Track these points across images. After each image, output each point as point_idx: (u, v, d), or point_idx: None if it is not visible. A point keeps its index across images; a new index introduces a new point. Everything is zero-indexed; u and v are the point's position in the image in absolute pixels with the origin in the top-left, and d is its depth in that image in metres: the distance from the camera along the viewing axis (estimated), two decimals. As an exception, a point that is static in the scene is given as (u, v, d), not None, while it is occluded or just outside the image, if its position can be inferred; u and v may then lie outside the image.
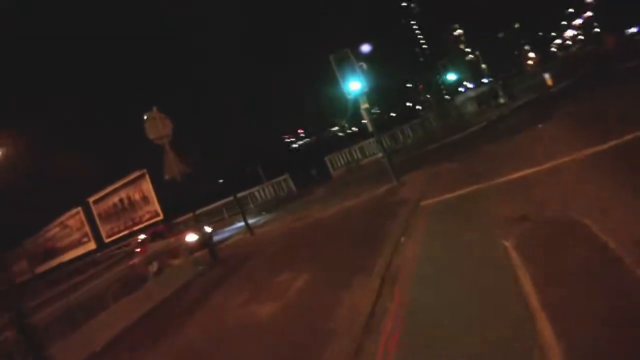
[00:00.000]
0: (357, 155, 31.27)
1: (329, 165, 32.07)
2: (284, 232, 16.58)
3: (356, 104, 16.46)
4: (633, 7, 65.11)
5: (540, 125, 16.53)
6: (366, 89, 16.12)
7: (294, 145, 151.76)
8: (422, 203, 12.25)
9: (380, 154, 26.95)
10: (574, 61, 53.78)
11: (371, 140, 29.98)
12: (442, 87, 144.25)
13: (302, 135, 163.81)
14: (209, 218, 31.38)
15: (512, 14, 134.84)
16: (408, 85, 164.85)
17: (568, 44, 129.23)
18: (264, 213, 27.13)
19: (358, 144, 31.90)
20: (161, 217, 19.56)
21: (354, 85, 15.94)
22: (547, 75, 35.19)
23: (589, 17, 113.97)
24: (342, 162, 31.83)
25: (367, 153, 31.25)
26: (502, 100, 33.34)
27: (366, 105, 16.26)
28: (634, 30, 73.99)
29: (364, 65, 16.70)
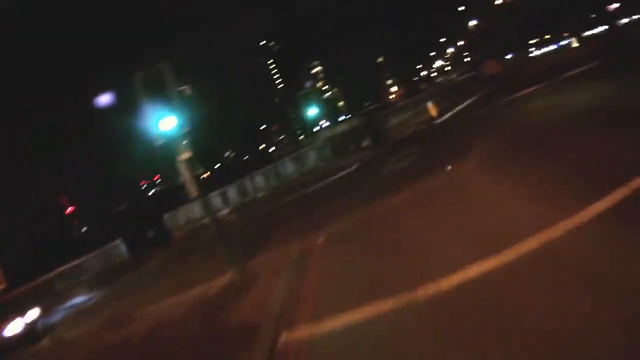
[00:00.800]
0: (200, 212, 25.74)
1: (171, 224, 25.55)
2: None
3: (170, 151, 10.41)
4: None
5: (449, 167, 12.00)
6: (186, 129, 10.21)
7: (150, 193, 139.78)
8: (285, 338, 6.31)
9: (225, 211, 21.30)
10: (458, 88, 51.65)
11: (217, 192, 24.59)
12: (298, 126, 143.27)
13: (157, 181, 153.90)
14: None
15: (377, 48, 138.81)
16: (262, 127, 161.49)
17: (434, 75, 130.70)
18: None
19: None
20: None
21: (167, 123, 9.95)
22: (430, 104, 30.38)
23: (461, 45, 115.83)
24: (185, 219, 25.55)
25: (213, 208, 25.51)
26: (365, 143, 28.00)
27: (186, 155, 10.26)
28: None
29: (188, 90, 10.66)
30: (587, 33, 62.37)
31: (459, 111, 27.80)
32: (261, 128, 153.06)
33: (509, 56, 74.57)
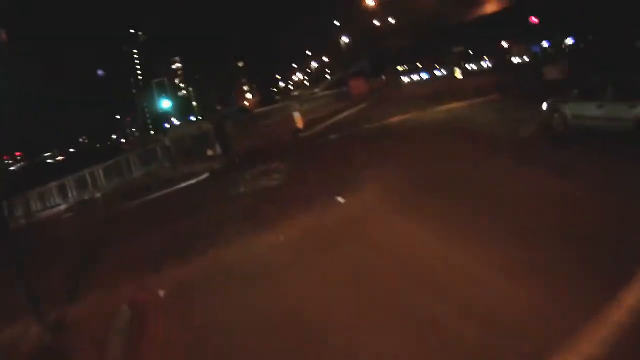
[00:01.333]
0: (35, 205, 23.21)
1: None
2: None
3: None
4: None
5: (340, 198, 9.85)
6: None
7: (11, 168, 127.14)
8: None
9: (62, 206, 21.66)
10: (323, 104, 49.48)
11: (54, 183, 20.63)
12: (149, 119, 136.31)
13: (18, 157, 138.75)
14: None
15: (239, 51, 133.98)
16: (117, 116, 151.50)
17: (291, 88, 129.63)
18: None
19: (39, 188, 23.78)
20: None
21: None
22: (296, 114, 27.69)
23: (326, 62, 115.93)
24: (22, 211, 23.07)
25: (48, 203, 23.25)
26: (210, 152, 24.22)
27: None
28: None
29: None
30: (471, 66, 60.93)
31: (329, 126, 26.69)
32: (116, 117, 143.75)
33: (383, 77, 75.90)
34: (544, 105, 12.25)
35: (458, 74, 58.94)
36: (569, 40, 45.73)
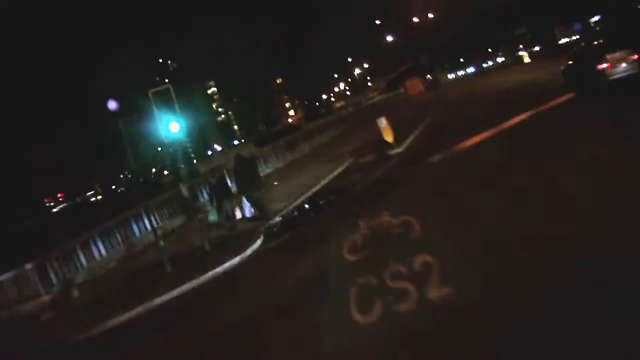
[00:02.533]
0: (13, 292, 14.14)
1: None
2: None
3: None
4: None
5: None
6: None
7: (54, 210, 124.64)
8: None
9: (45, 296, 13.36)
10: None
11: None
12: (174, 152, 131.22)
13: (60, 199, 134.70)
14: None
15: (276, 67, 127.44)
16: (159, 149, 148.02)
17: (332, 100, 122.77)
18: None
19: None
20: None
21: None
22: (383, 122, 17.21)
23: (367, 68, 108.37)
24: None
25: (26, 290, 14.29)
26: (212, 218, 13.84)
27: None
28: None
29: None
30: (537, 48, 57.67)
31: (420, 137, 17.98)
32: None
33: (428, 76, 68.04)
34: None
35: (526, 58, 55.00)
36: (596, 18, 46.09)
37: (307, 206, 13.32)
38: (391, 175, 13.12)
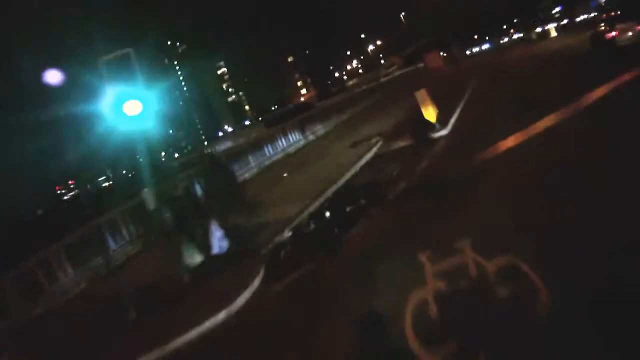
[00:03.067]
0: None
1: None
2: None
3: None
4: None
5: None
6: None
7: (65, 198, 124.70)
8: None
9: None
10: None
11: None
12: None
13: (72, 186, 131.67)
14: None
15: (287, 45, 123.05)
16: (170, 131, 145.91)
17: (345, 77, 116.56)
18: None
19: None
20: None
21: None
22: (423, 96, 13.44)
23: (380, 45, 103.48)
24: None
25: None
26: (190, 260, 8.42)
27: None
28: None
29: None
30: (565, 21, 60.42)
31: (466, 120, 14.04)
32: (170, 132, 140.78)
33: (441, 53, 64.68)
34: None
35: (553, 32, 55.83)
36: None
37: (328, 214, 9.53)
38: (446, 170, 9.27)
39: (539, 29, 63.36)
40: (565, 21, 61.19)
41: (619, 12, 20.03)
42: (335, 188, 11.05)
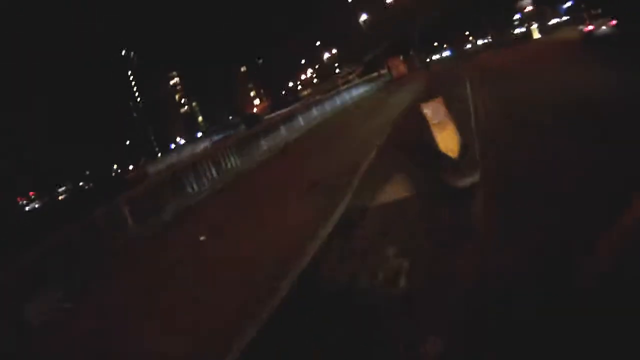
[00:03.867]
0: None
1: None
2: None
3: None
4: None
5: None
6: None
7: (27, 209, 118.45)
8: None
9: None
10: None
11: None
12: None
13: (32, 197, 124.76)
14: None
15: (240, 54, 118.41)
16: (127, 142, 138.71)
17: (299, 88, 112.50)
18: None
19: None
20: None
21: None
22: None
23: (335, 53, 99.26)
24: None
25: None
26: None
27: None
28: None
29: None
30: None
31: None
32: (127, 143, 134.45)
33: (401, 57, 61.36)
34: None
35: (535, 33, 54.29)
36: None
37: None
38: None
39: (518, 30, 64.78)
40: (537, 24, 61.84)
41: (599, 11, 23.94)
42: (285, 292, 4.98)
